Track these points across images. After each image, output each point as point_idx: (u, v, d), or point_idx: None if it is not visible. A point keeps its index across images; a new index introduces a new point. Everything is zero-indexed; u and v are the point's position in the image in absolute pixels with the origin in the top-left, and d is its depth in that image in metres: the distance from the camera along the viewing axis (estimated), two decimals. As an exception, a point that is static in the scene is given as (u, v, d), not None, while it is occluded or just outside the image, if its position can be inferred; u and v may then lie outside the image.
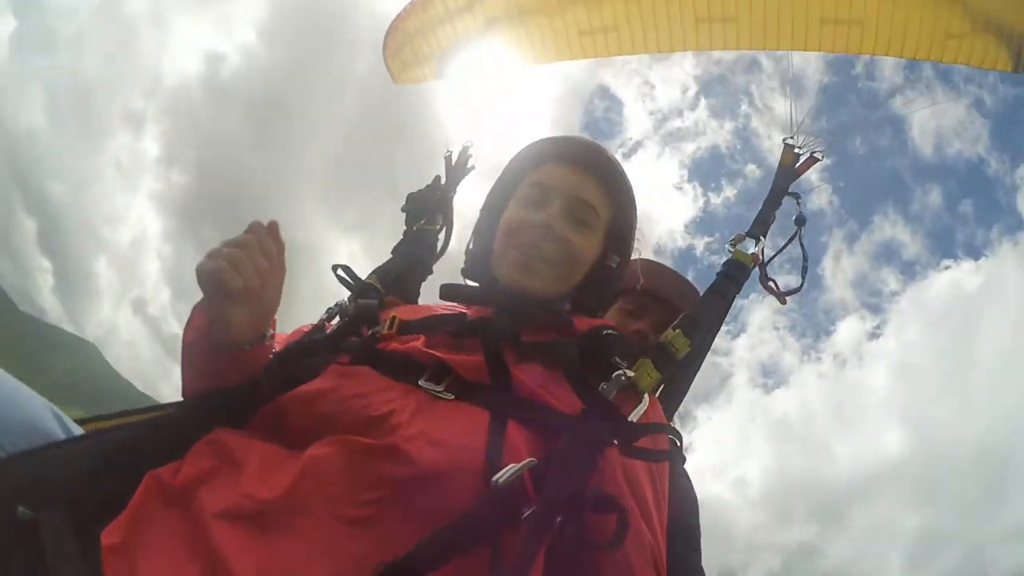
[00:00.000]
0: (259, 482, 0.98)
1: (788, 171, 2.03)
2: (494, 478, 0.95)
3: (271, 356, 1.26)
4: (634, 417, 1.18)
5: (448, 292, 1.50)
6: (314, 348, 1.28)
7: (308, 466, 0.98)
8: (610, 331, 1.38)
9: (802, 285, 1.93)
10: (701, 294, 1.83)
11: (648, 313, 2.38)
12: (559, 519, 0.95)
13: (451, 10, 3.43)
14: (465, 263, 1.61)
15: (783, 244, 1.97)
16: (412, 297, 1.88)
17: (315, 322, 1.50)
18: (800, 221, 1.98)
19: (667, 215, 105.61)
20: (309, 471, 0.98)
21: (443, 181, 2.14)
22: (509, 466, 0.96)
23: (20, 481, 0.96)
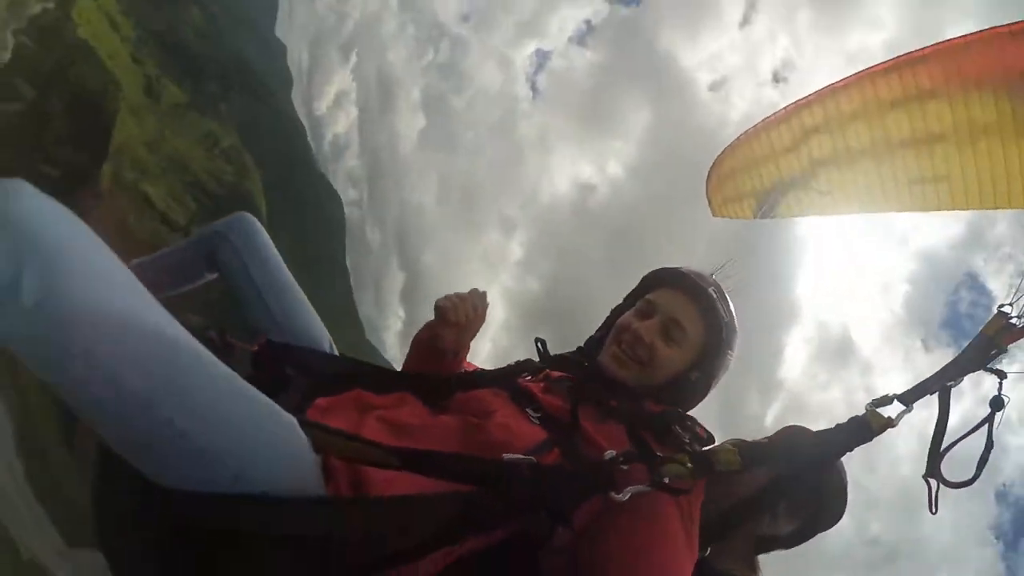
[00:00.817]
0: (409, 416, 1.59)
1: (989, 342, 1.67)
2: (506, 454, 1.38)
3: (472, 372, 1.92)
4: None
5: (559, 365, 1.95)
6: (496, 376, 1.88)
7: (439, 421, 1.59)
8: (675, 412, 1.66)
9: (975, 477, 1.57)
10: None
11: None
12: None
13: (776, 149, 3.58)
14: (585, 343, 2.04)
15: (967, 431, 1.62)
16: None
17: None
18: (997, 405, 1.61)
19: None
20: (439, 423, 1.57)
21: None
22: (518, 455, 1.39)
23: (298, 359, 1.84)
